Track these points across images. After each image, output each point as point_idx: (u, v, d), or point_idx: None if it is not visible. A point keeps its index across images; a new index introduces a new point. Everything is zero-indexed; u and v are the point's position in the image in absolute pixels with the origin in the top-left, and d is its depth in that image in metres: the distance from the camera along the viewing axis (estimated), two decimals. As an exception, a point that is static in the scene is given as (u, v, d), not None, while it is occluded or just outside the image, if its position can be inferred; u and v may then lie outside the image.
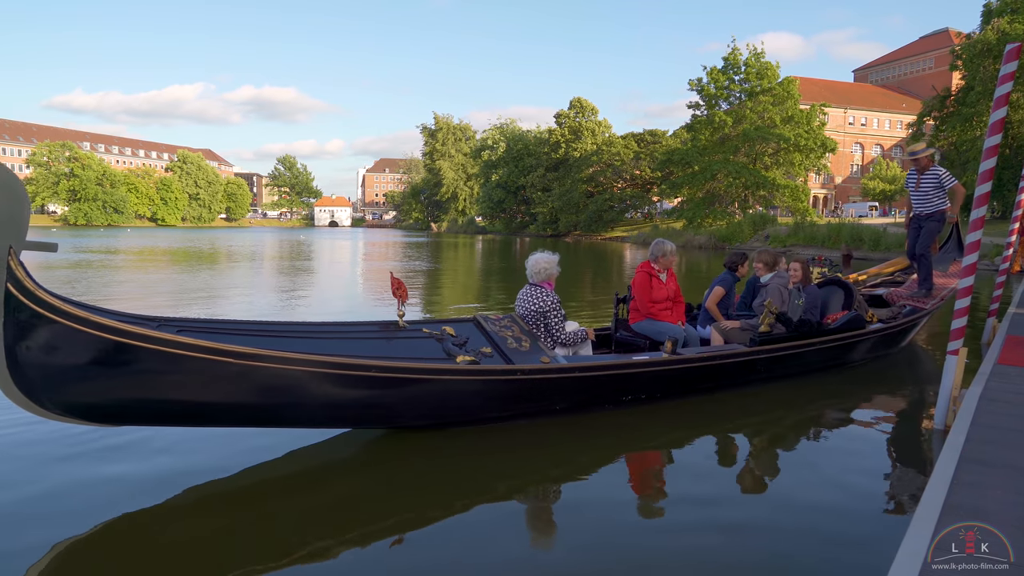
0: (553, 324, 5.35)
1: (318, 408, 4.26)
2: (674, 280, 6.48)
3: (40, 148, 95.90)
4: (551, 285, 5.50)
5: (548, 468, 4.35)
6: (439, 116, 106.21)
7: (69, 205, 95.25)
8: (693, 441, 4.98)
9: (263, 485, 4.05)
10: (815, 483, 4.13)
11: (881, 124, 78.51)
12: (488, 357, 4.82)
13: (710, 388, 5.94)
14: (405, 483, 4.07)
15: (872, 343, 7.24)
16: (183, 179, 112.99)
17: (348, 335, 4.72)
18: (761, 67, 47.51)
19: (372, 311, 11.50)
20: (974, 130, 35.53)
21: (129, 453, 4.40)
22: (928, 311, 8.01)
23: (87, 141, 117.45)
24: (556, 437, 4.86)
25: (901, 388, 6.87)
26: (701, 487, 4.08)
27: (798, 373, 6.56)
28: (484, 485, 4.07)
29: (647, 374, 5.47)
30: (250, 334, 4.30)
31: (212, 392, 3.88)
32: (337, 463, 4.48)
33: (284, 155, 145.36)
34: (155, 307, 11.93)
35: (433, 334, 4.91)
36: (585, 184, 67.17)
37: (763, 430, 5.37)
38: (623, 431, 5.06)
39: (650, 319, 6.23)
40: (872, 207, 59.28)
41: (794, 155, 47.23)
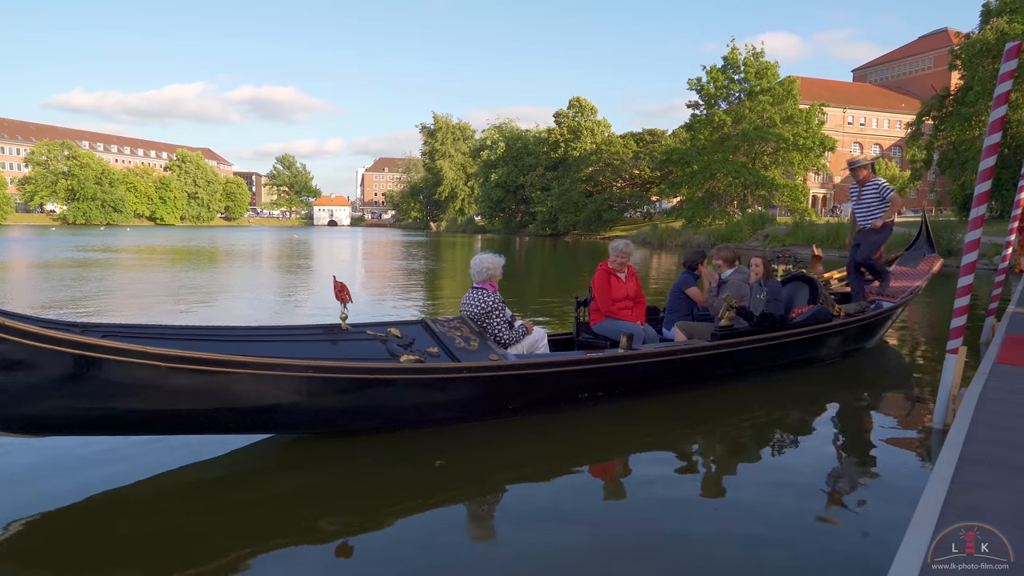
0: (494, 324, 5.25)
1: (251, 413, 4.10)
2: (635, 279, 6.45)
3: (39, 147, 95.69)
4: (494, 286, 5.44)
5: (498, 471, 4.23)
6: (438, 115, 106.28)
7: (68, 204, 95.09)
8: (661, 441, 4.90)
9: (188, 490, 3.91)
10: (810, 483, 4.11)
11: (880, 124, 78.56)
12: (434, 357, 4.69)
13: (672, 385, 5.85)
14: (342, 489, 3.93)
15: (841, 338, 7.18)
16: (182, 178, 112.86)
17: (288, 338, 4.58)
18: (760, 67, 47.51)
19: (369, 313, 11.47)
20: (973, 130, 35.50)
21: (44, 459, 4.24)
22: (898, 306, 7.99)
23: (86, 140, 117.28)
24: (508, 439, 4.73)
25: (887, 386, 6.90)
26: (677, 489, 4.04)
27: (766, 369, 6.50)
28: (428, 490, 3.92)
29: (602, 371, 5.36)
30: (183, 338, 4.14)
31: (137, 399, 3.71)
32: (270, 469, 4.30)
33: (283, 154, 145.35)
34: (148, 307, 11.90)
35: (378, 336, 4.78)
36: (584, 183, 67.16)
37: (747, 428, 5.36)
38: (580, 431, 4.95)
39: (610, 319, 6.16)
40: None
41: (793, 154, 47.22)
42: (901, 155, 70.57)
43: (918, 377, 7.27)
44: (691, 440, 5.02)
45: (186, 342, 4.07)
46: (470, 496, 3.92)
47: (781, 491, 4.00)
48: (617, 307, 6.20)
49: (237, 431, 4.34)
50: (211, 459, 4.30)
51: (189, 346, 3.97)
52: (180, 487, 3.94)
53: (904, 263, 9.17)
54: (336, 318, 4.85)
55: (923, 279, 8.65)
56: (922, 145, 40.42)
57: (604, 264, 6.37)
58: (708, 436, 5.13)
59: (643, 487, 4.06)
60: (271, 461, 4.40)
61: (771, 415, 5.74)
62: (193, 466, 4.19)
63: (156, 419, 3.90)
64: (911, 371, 7.69)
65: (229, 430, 4.27)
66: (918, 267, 8.94)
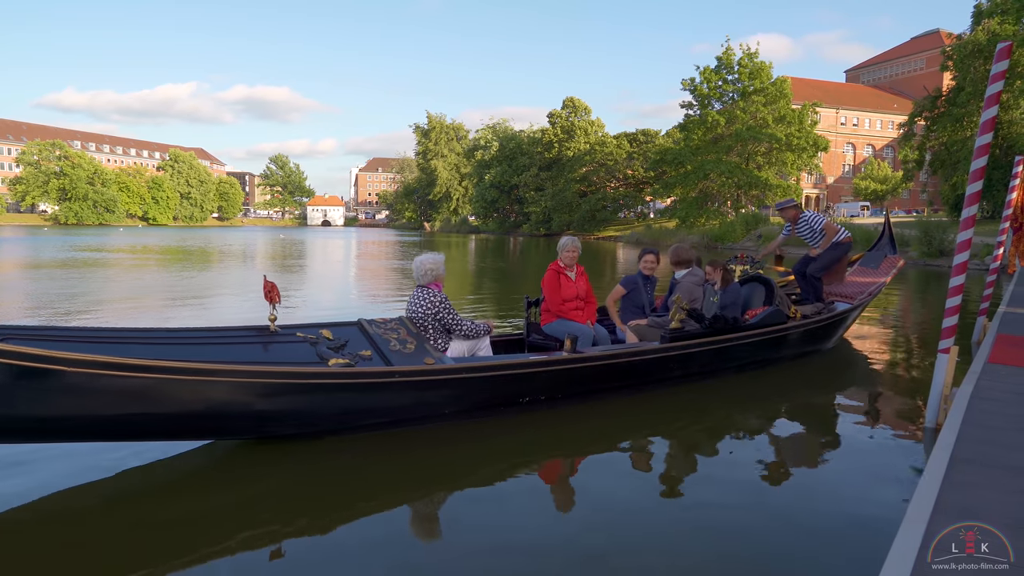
0: (451, 321, 5.21)
1: (170, 419, 3.95)
2: (585, 279, 6.35)
3: (30, 147, 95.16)
4: (439, 286, 5.36)
5: (433, 478, 4.14)
6: (432, 115, 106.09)
7: (59, 204, 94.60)
8: (610, 446, 4.81)
9: (109, 502, 3.78)
10: (801, 484, 4.12)
11: (873, 124, 78.85)
12: (367, 360, 4.57)
13: (619, 388, 5.73)
14: (267, 496, 3.81)
15: (797, 339, 7.12)
16: (175, 178, 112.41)
17: (214, 341, 4.43)
18: (755, 67, 47.61)
19: (360, 310, 11.44)
20: (965, 130, 35.69)
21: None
22: (856, 307, 7.96)
23: (78, 140, 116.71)
24: (444, 444, 4.62)
25: (870, 385, 6.89)
26: (634, 492, 3.99)
27: (720, 371, 6.44)
28: (354, 497, 3.82)
29: (544, 374, 5.23)
30: (102, 341, 3.99)
31: (50, 405, 3.57)
32: (195, 476, 4.17)
33: (277, 154, 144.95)
34: (129, 308, 11.84)
35: (308, 338, 4.65)
36: (578, 184, 67.22)
37: (710, 429, 5.34)
38: (519, 436, 4.86)
39: (561, 319, 6.08)
40: (864, 207, 59.55)
41: (786, 155, 47.36)
42: (893, 155, 70.83)
43: (906, 376, 7.29)
44: (648, 443, 4.92)
45: (109, 345, 3.92)
46: (408, 502, 3.82)
47: (767, 493, 4.01)
48: (567, 307, 6.10)
49: (160, 438, 4.21)
50: (131, 469, 4.13)
51: (113, 350, 3.82)
52: (102, 498, 3.82)
53: (866, 264, 9.17)
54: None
55: (884, 279, 8.64)
56: (914, 145, 40.61)
57: (555, 264, 6.26)
58: (671, 439, 5.01)
59: (587, 493, 3.97)
60: (201, 470, 4.26)
61: (737, 416, 5.71)
62: (111, 478, 4.02)
63: (75, 426, 3.75)
64: (899, 371, 7.71)
65: (152, 437, 4.15)
66: (879, 267, 8.95)
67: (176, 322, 9.68)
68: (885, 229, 9.63)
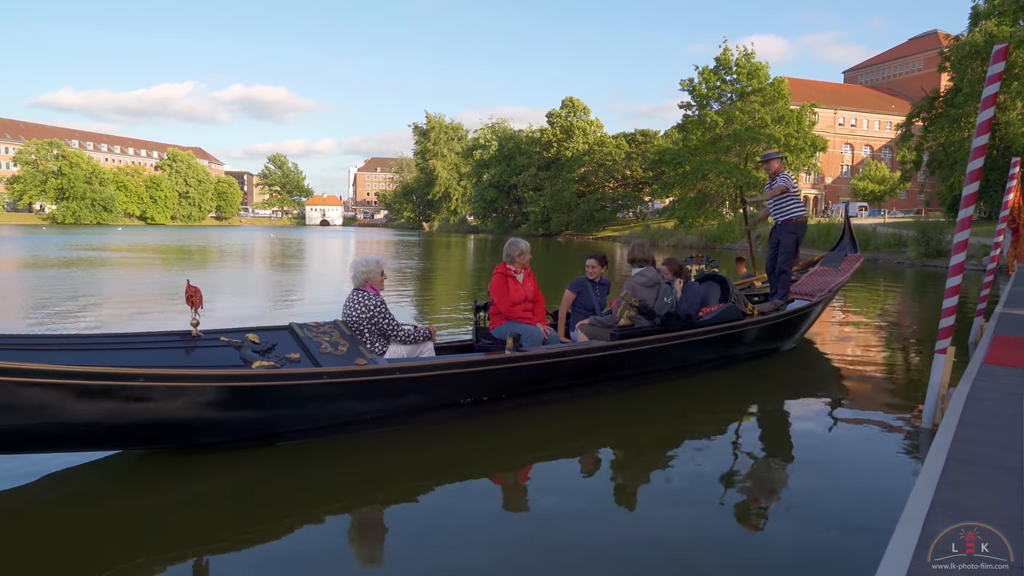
0: (386, 325, 5.06)
1: (73, 428, 3.75)
2: (532, 280, 6.24)
3: (27, 146, 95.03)
4: (375, 288, 5.19)
5: (366, 484, 3.99)
6: (431, 115, 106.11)
7: (57, 204, 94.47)
8: (564, 446, 4.74)
9: (15, 513, 3.64)
10: (794, 483, 4.12)
11: (871, 125, 78.97)
12: (294, 363, 4.37)
13: (568, 388, 5.60)
14: (181, 510, 3.62)
15: (754, 336, 7.05)
16: (173, 177, 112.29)
17: (134, 346, 4.24)
18: (752, 68, 47.64)
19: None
20: (962, 131, 35.74)
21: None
22: (815, 304, 7.95)
23: (75, 139, 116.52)
24: (376, 450, 4.47)
25: (861, 385, 6.88)
26: (583, 494, 3.96)
27: (672, 370, 6.34)
28: (276, 509, 3.63)
29: (484, 374, 5.06)
30: (12, 348, 3.82)
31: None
32: (100, 489, 3.95)
33: (274, 154, 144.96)
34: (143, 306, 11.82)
35: (232, 342, 4.45)
36: (577, 184, 67.26)
37: (675, 428, 5.32)
38: (458, 440, 4.74)
39: (510, 322, 5.95)
40: (862, 207, 59.65)
41: (784, 155, 47.40)
42: (891, 156, 70.98)
43: (901, 376, 7.32)
44: (600, 445, 4.86)
45: (18, 352, 3.75)
46: (342, 510, 3.69)
47: (754, 495, 4.02)
48: (517, 310, 5.99)
49: (70, 448, 4.03)
50: (29, 484, 3.93)
51: (21, 356, 3.63)
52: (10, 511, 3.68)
53: (827, 263, 9.19)
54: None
55: (844, 278, 8.67)
56: (912, 146, 40.69)
57: (501, 266, 6.13)
58: (624, 441, 4.97)
59: (529, 500, 3.89)
60: (114, 479, 4.06)
61: (708, 415, 5.72)
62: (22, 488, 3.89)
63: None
64: (895, 371, 7.74)
65: (60, 447, 3.98)
66: (840, 266, 8.98)
67: (170, 323, 9.69)
68: (846, 228, 9.66)
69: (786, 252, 7.80)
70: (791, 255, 7.82)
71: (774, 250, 7.94)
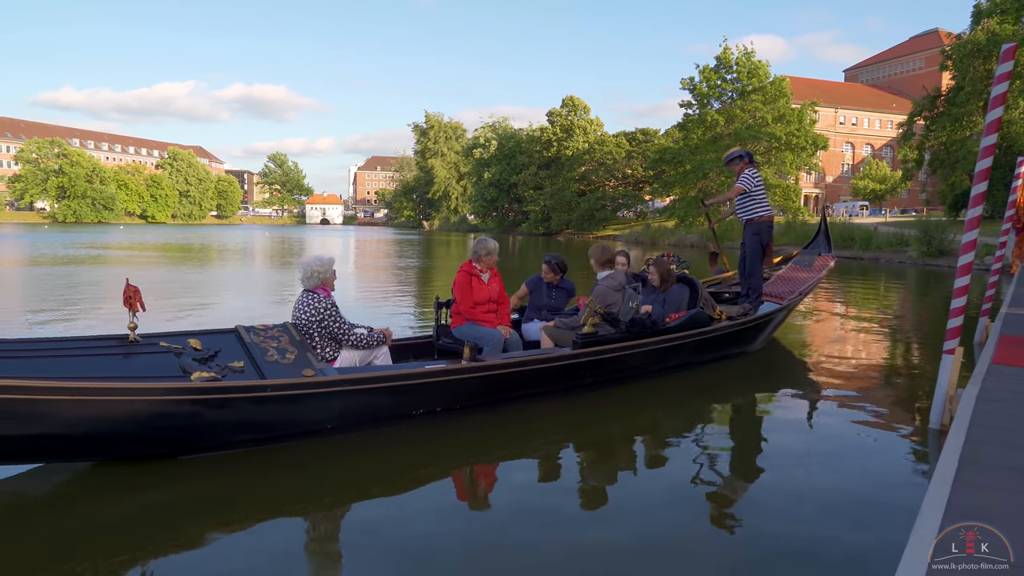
0: (337, 329, 4.87)
1: (5, 440, 3.56)
2: (498, 280, 6.07)
3: (29, 145, 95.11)
4: (326, 290, 4.99)
5: (300, 497, 3.80)
6: (430, 114, 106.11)
7: (58, 202, 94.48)
8: (519, 454, 4.57)
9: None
10: (799, 488, 4.10)
11: (872, 124, 78.94)
12: (238, 373, 4.20)
13: (527, 397, 5.43)
14: (111, 528, 3.42)
15: (720, 341, 6.93)
16: (173, 176, 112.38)
17: (65, 353, 4.04)
18: (752, 66, 47.62)
19: (358, 309, 11.41)
20: (964, 130, 35.75)
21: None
22: (784, 307, 7.89)
23: (77, 138, 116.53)
24: (328, 458, 4.29)
25: (872, 386, 6.87)
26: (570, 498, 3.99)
27: (636, 376, 6.19)
28: (206, 523, 3.46)
29: (438, 385, 4.85)
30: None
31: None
32: (27, 503, 3.73)
33: (275, 152, 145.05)
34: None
35: (172, 348, 4.26)
36: (577, 183, 67.23)
37: (654, 429, 5.30)
38: (417, 444, 4.60)
39: (471, 323, 5.79)
40: (863, 206, 59.62)
41: (785, 154, 47.35)
42: (893, 155, 70.92)
43: (905, 377, 7.29)
44: (559, 454, 4.69)
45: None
46: (298, 518, 3.60)
47: (758, 498, 3.99)
48: (479, 311, 5.82)
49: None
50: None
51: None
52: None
53: (799, 262, 9.11)
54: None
55: (815, 277, 8.57)
56: (913, 145, 40.66)
57: (467, 264, 5.96)
58: (588, 448, 4.82)
59: (483, 515, 3.69)
60: (65, 488, 3.89)
61: (689, 418, 5.70)
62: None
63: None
64: (898, 371, 7.72)
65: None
66: (812, 266, 8.88)
67: (174, 323, 9.66)
68: (821, 227, 9.53)
69: (751, 253, 7.71)
70: (757, 256, 7.72)
71: (743, 251, 7.85)
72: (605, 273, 6.11)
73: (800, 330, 10.03)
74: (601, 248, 6.27)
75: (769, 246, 7.85)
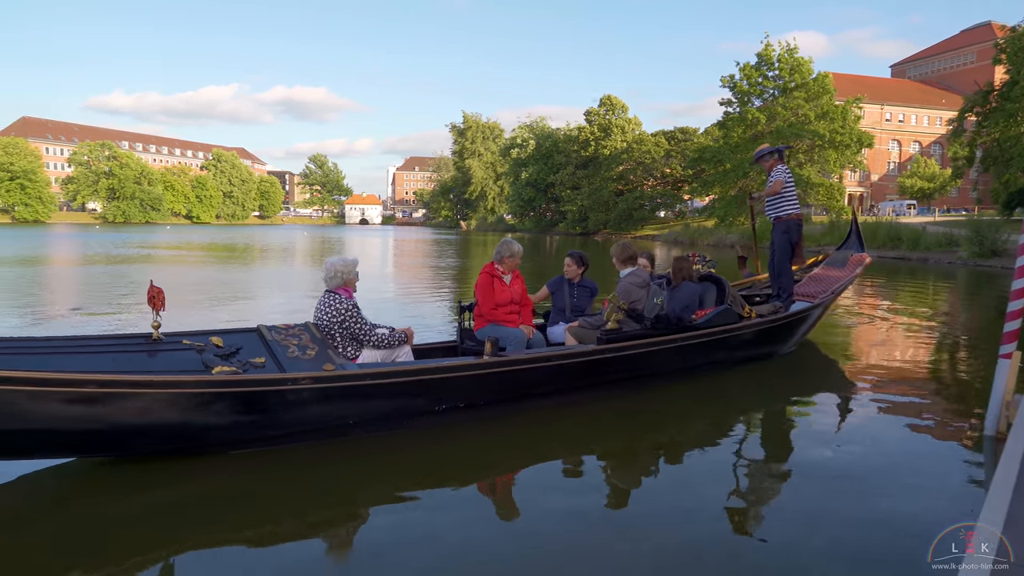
0: (358, 330, 4.87)
1: (27, 433, 3.63)
2: (520, 282, 6.05)
3: (81, 147, 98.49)
4: (348, 291, 5.00)
5: (331, 498, 3.78)
6: (468, 115, 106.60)
7: (108, 203, 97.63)
8: (546, 456, 4.51)
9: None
10: (847, 492, 4.03)
11: (920, 120, 76.70)
12: (259, 368, 4.20)
13: (550, 394, 5.37)
14: (150, 516, 3.49)
15: (751, 340, 6.77)
16: (217, 177, 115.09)
17: (92, 350, 4.10)
18: (795, 63, 46.73)
19: (395, 307, 11.53)
20: (1019, 126, 34.48)
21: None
22: (816, 306, 7.66)
23: (126, 140, 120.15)
24: (348, 457, 4.28)
25: (923, 392, 6.68)
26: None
27: (663, 375, 6.10)
28: (239, 522, 3.47)
29: (460, 380, 4.84)
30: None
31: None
32: (49, 500, 3.80)
33: (315, 153, 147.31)
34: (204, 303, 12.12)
35: (195, 345, 4.30)
36: (615, 182, 66.84)
37: (683, 427, 5.20)
38: (433, 449, 4.53)
39: (493, 324, 5.75)
40: (910, 205, 57.98)
41: (828, 152, 46.34)
42: (942, 152, 68.84)
43: (953, 381, 7.09)
44: (586, 456, 4.64)
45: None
46: (312, 519, 3.55)
47: (794, 505, 3.92)
48: (501, 312, 5.79)
49: (16, 456, 3.89)
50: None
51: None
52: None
53: (831, 263, 8.90)
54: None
55: (848, 277, 8.36)
56: (964, 142, 39.36)
57: (489, 266, 5.95)
58: (623, 450, 4.79)
59: (504, 514, 3.66)
60: (77, 486, 3.95)
61: (720, 421, 5.57)
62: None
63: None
64: (946, 375, 7.51)
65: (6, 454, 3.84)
66: (845, 265, 8.66)
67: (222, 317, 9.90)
68: (853, 227, 9.35)
69: (780, 251, 7.55)
70: (786, 255, 7.56)
71: (773, 250, 7.70)
72: (628, 270, 6.06)
73: (843, 332, 9.84)
74: (622, 245, 6.20)
75: (799, 245, 7.70)
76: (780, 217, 7.61)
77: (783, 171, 7.64)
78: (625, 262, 6.10)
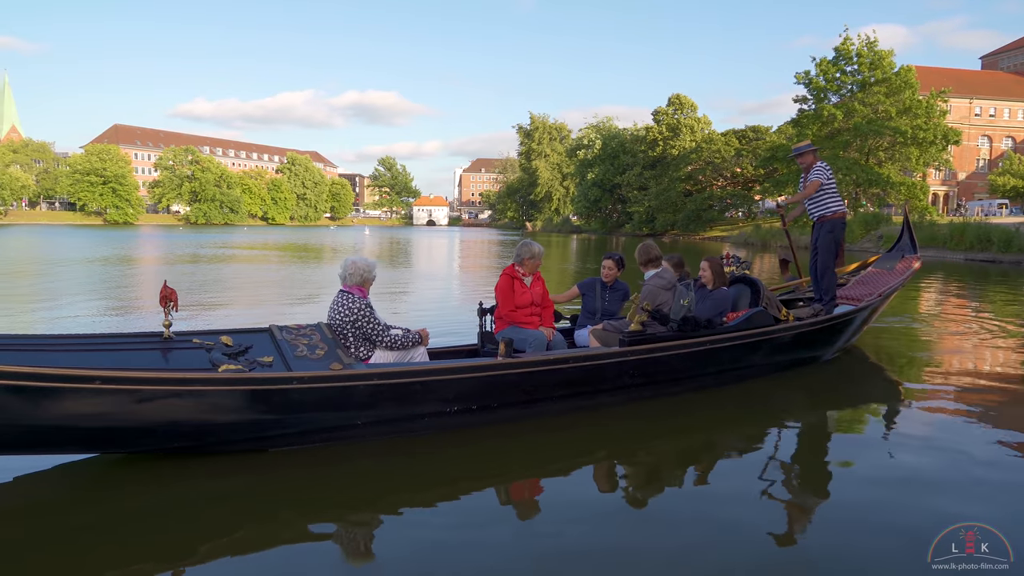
0: (371, 330, 4.79)
1: (32, 430, 3.65)
2: (541, 283, 5.92)
3: (166, 153, 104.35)
4: (363, 291, 4.92)
5: (341, 500, 3.74)
6: (535, 116, 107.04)
7: (190, 206, 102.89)
8: (562, 461, 4.40)
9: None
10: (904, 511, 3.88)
11: (1013, 114, 72.29)
12: (266, 367, 4.19)
13: (569, 397, 5.15)
14: (163, 515, 3.50)
15: (787, 344, 6.40)
16: (292, 180, 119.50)
17: (102, 347, 4.12)
18: (875, 57, 44.90)
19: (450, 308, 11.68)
20: (1125, 119, 32.12)
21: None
22: (861, 309, 7.20)
23: (207, 146, 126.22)
24: (355, 459, 4.22)
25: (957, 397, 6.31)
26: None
27: (690, 379, 5.81)
28: (251, 523, 3.46)
29: (472, 381, 4.70)
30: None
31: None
32: (82, 493, 3.86)
33: (384, 156, 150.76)
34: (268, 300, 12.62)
35: (204, 344, 4.32)
36: (683, 183, 65.80)
37: (708, 435, 5.02)
38: (444, 453, 4.42)
39: (513, 326, 5.64)
40: (1002, 205, 54.72)
41: (910, 149, 44.31)
42: (1037, 148, 64.67)
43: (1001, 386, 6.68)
44: (608, 463, 4.55)
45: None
46: (324, 521, 3.53)
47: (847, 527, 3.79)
48: (521, 314, 5.69)
49: (26, 451, 3.94)
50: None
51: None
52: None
53: (881, 265, 8.46)
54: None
55: (898, 281, 7.89)
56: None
57: (509, 268, 5.84)
58: (648, 456, 4.66)
59: (515, 523, 3.56)
60: (89, 484, 3.98)
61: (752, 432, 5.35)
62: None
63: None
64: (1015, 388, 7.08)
65: (17, 450, 3.89)
66: (895, 268, 8.18)
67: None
68: (904, 228, 8.89)
69: (825, 252, 7.17)
70: (831, 255, 7.18)
71: (814, 251, 7.31)
72: (652, 272, 5.88)
73: (905, 337, 9.41)
74: (646, 247, 6.02)
75: (841, 245, 7.36)
76: (824, 216, 7.21)
77: (823, 168, 7.30)
78: (648, 264, 5.94)
